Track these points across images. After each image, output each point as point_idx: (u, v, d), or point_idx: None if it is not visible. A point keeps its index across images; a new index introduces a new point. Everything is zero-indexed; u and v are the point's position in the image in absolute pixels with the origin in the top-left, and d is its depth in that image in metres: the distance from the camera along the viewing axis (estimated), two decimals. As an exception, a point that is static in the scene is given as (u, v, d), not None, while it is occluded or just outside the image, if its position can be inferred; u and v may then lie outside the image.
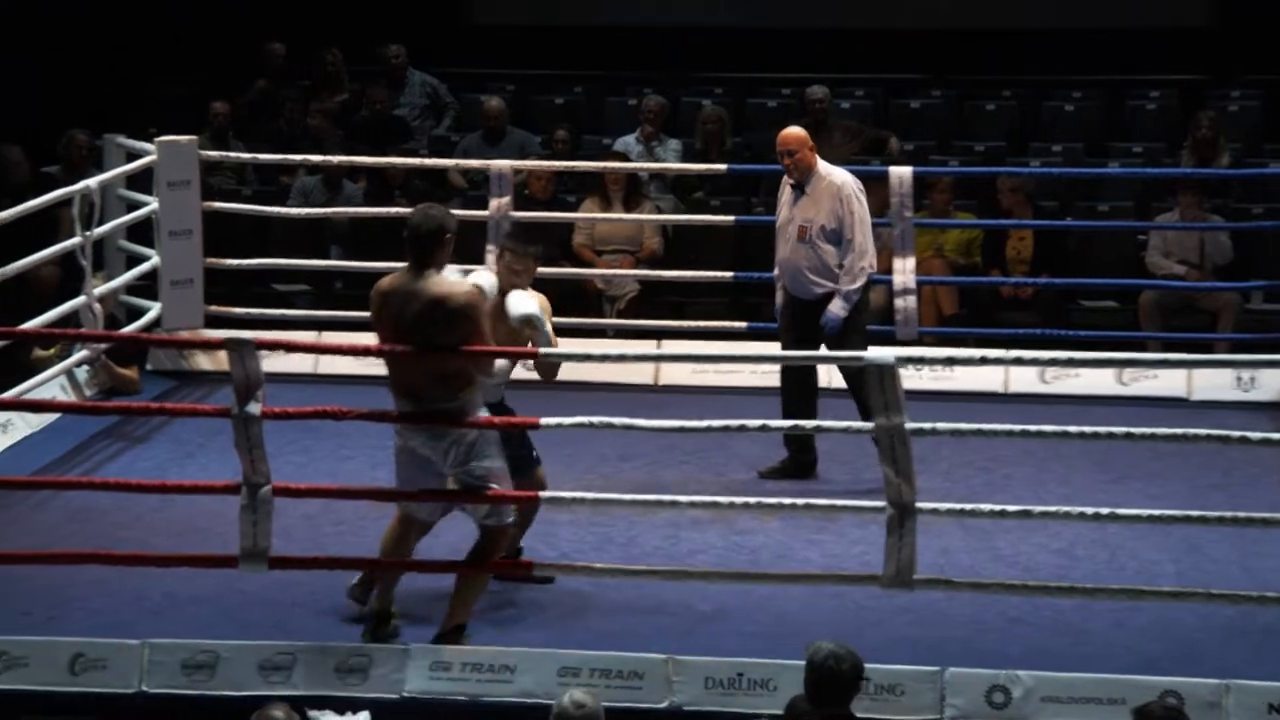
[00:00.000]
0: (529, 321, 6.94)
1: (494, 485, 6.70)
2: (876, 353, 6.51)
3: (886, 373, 6.39)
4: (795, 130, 8.64)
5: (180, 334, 10.23)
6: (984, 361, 6.99)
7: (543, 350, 6.87)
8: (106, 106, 11.89)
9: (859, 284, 8.47)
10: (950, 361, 7.09)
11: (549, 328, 6.99)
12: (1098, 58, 12.69)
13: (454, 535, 7.42)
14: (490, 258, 9.99)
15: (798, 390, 8.51)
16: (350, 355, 7.78)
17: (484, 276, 7.12)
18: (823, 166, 8.58)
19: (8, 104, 12.27)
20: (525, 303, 6.98)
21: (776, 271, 8.74)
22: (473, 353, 6.57)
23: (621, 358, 8.01)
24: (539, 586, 7.25)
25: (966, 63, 12.91)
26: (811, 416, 8.31)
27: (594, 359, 6.89)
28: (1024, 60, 12.81)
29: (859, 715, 6.33)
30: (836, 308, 8.44)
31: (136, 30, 12.96)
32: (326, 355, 10.01)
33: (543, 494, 6.86)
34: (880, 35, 13.05)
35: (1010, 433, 6.73)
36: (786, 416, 8.34)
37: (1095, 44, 12.82)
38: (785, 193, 8.65)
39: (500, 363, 6.93)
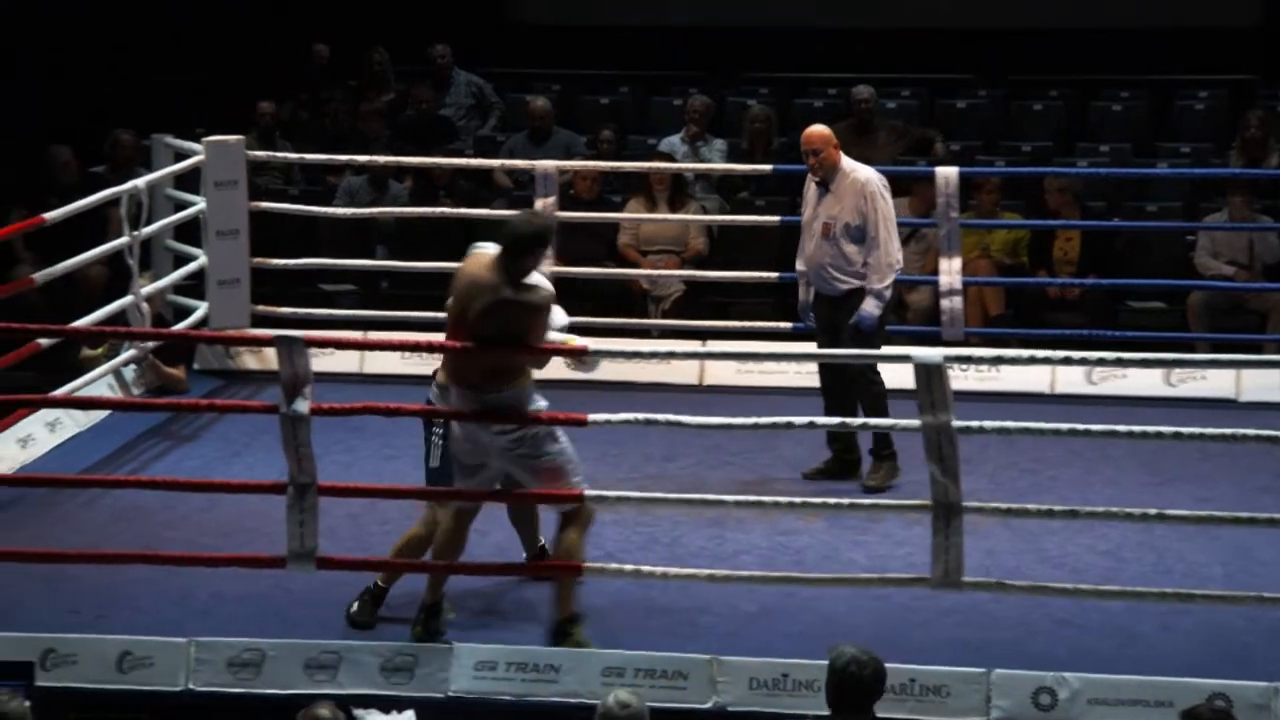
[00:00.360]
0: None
1: (567, 469, 6.70)
2: (924, 352, 6.49)
3: (934, 372, 6.37)
4: (820, 129, 8.64)
5: (228, 333, 10.28)
6: (1033, 361, 6.95)
7: (592, 348, 6.86)
8: (153, 106, 11.93)
9: (889, 282, 8.45)
10: (998, 361, 7.04)
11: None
12: (1146, 57, 12.63)
13: (500, 535, 7.44)
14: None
15: (838, 389, 8.48)
16: (401, 351, 7.78)
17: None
18: (847, 164, 8.56)
19: (56, 105, 12.35)
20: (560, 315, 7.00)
21: (800, 268, 8.72)
22: (530, 349, 6.59)
23: (670, 355, 7.97)
24: (583, 585, 7.24)
25: (1013, 62, 12.86)
26: (853, 414, 8.29)
27: (642, 356, 6.86)
28: (1071, 60, 12.76)
29: (904, 717, 6.33)
30: (870, 306, 8.43)
31: (184, 31, 13.01)
32: (373, 353, 10.06)
33: (588, 493, 6.86)
34: (926, 35, 13.02)
35: (1058, 431, 6.69)
36: (829, 415, 8.32)
37: (1143, 43, 12.76)
38: (810, 190, 8.65)
39: None
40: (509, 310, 6.56)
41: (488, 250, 6.76)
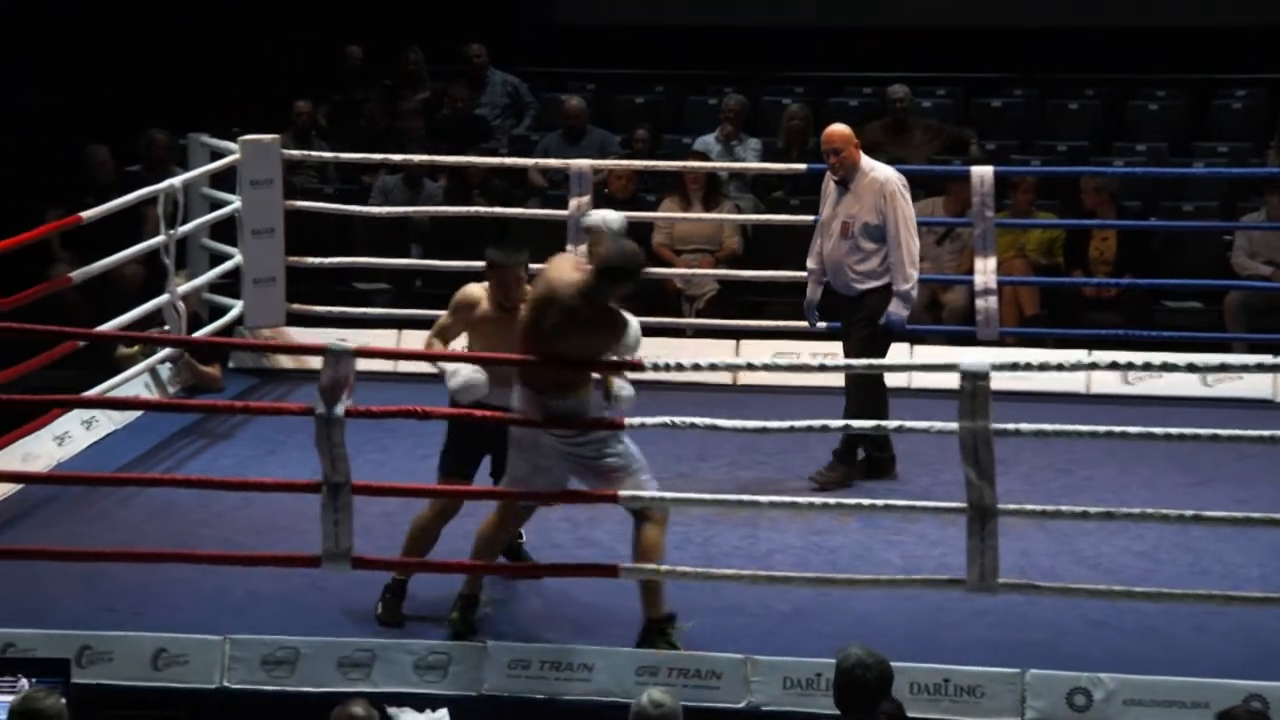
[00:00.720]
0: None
1: (632, 468, 6.70)
2: (971, 360, 6.40)
3: (980, 380, 6.29)
4: (840, 128, 8.63)
5: (264, 333, 10.31)
6: (1078, 366, 6.90)
7: (650, 363, 6.81)
8: (190, 105, 11.98)
9: (913, 283, 8.43)
10: (1045, 367, 6.84)
11: None
12: (1183, 56, 12.58)
13: (530, 536, 7.45)
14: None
15: (869, 388, 8.46)
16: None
17: None
18: (866, 163, 8.55)
19: (93, 104, 12.40)
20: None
21: (811, 266, 8.69)
22: (589, 364, 6.59)
23: (712, 367, 7.94)
24: (614, 584, 7.22)
25: (1049, 61, 12.82)
26: (884, 412, 8.28)
27: (682, 369, 6.82)
28: (1108, 59, 12.71)
29: (939, 717, 6.32)
30: (896, 307, 8.41)
31: (221, 30, 13.06)
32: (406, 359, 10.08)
33: (622, 493, 6.85)
34: (962, 33, 12.99)
35: (1094, 434, 6.66)
36: (858, 415, 8.29)
37: (1180, 42, 12.71)
38: (829, 189, 8.64)
39: None
40: (588, 328, 6.54)
41: (568, 259, 6.77)
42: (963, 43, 12.95)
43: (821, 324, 10.02)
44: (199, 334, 9.85)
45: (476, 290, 7.20)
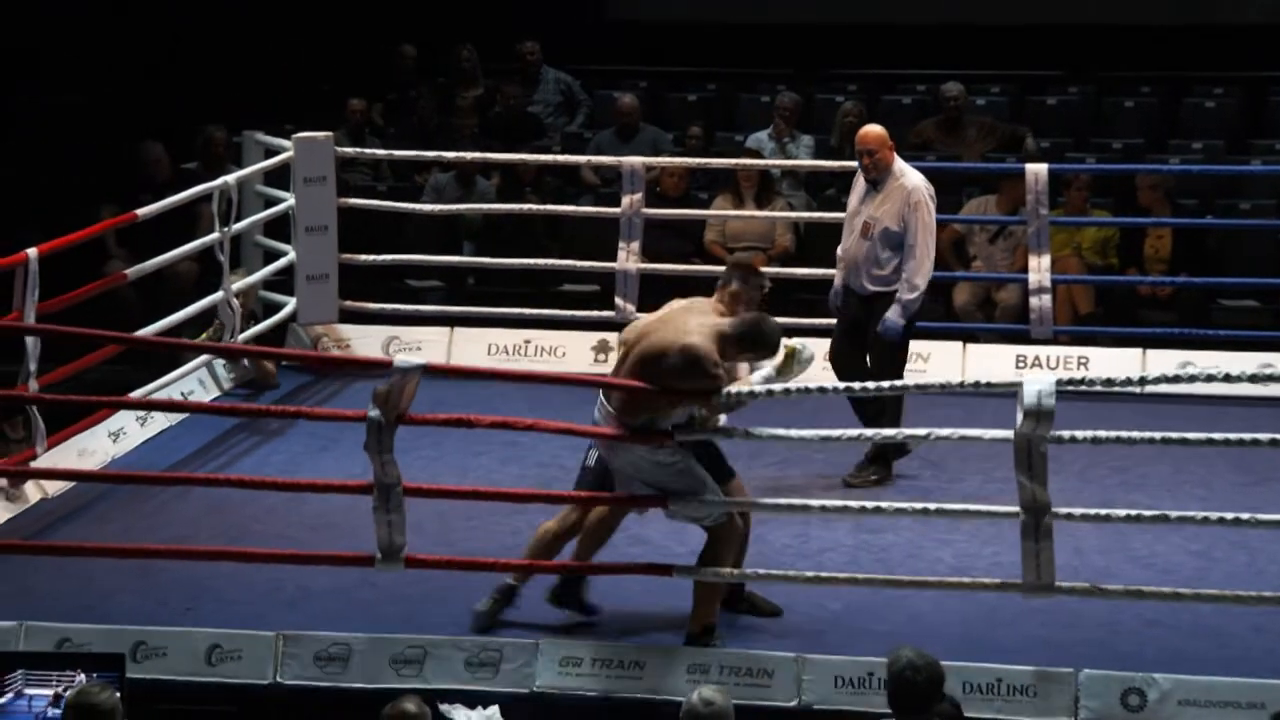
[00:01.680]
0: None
1: (705, 490, 6.69)
2: (1038, 381, 6.32)
3: (1044, 398, 6.23)
4: (876, 129, 8.62)
5: (316, 329, 10.35)
6: (1144, 381, 6.82)
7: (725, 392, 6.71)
8: (245, 103, 12.04)
9: (917, 295, 8.39)
10: (1110, 384, 6.71)
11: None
12: (1239, 53, 12.50)
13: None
14: (621, 255, 10.01)
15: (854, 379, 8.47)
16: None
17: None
18: (899, 167, 8.53)
19: (148, 102, 12.46)
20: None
21: (840, 253, 8.69)
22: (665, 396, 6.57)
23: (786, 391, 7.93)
24: (666, 583, 7.22)
25: (1104, 58, 12.76)
26: (900, 409, 8.28)
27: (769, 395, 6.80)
28: (1163, 56, 12.64)
29: (992, 717, 6.29)
30: (895, 315, 8.38)
31: (276, 28, 13.11)
32: (460, 350, 10.11)
33: (673, 503, 6.82)
34: (1017, 31, 12.94)
35: (1151, 440, 6.57)
36: (878, 414, 8.28)
37: (1236, 39, 12.62)
38: (859, 185, 8.65)
39: None
40: (675, 359, 6.53)
41: (705, 303, 6.83)
42: (1017, 40, 12.89)
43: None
44: (253, 330, 9.88)
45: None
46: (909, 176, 8.49)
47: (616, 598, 7.11)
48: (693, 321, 6.63)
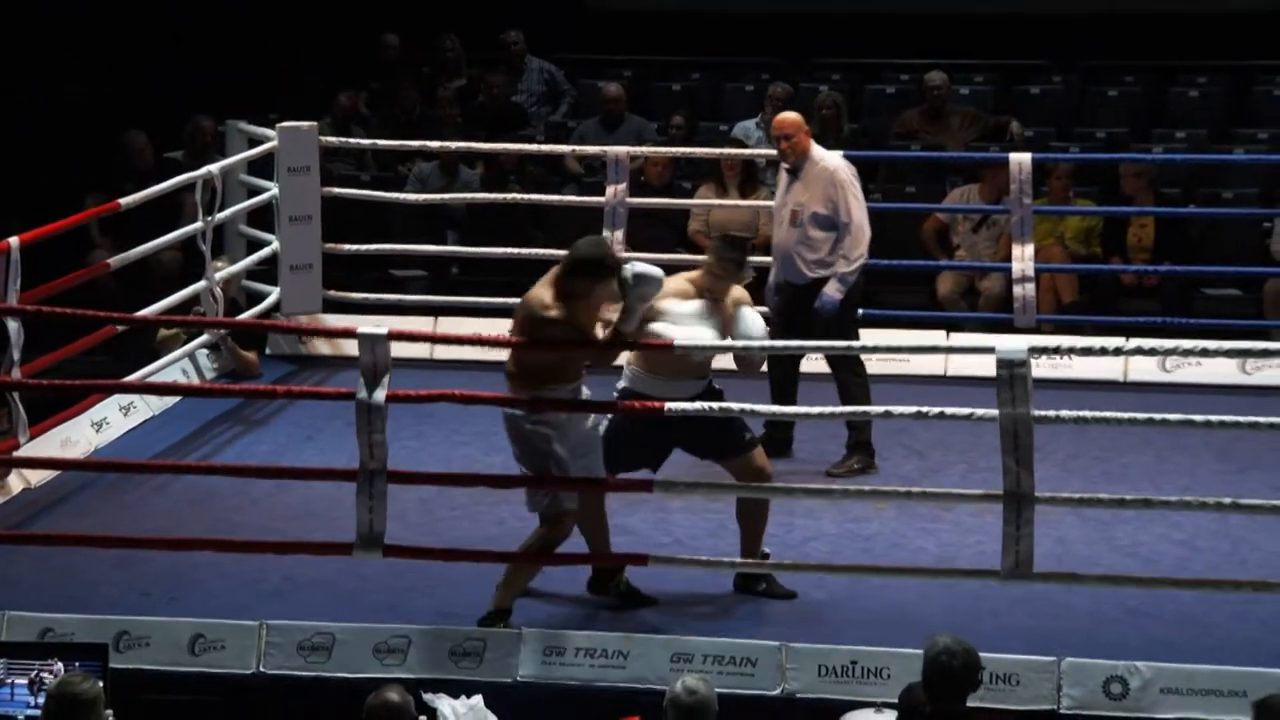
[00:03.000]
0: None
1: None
2: (1009, 345, 6.37)
3: (1018, 366, 6.26)
4: (791, 115, 8.65)
5: (300, 320, 10.34)
6: (1118, 352, 6.84)
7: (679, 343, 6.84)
8: (229, 92, 12.02)
9: (854, 267, 8.43)
10: (1085, 352, 6.83)
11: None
12: (1223, 42, 12.51)
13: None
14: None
15: (781, 377, 8.48)
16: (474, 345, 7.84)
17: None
18: (817, 152, 8.56)
19: (132, 91, 12.44)
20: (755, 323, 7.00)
21: (774, 253, 8.75)
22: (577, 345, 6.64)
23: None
24: (648, 571, 7.22)
25: (1088, 48, 12.77)
26: (791, 402, 8.34)
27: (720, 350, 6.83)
28: (1147, 45, 12.65)
29: (975, 705, 6.29)
30: (832, 290, 8.41)
31: (260, 17, 13.09)
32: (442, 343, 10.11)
33: (656, 480, 6.84)
34: (1000, 20, 12.94)
35: (1134, 421, 6.62)
36: (849, 402, 8.35)
37: (1221, 28, 12.63)
38: (782, 176, 8.66)
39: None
40: (520, 319, 6.67)
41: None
42: (1001, 29, 12.89)
43: (856, 310, 10.04)
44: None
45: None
46: (828, 159, 8.55)
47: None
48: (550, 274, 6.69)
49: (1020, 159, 9.92)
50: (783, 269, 8.62)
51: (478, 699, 6.27)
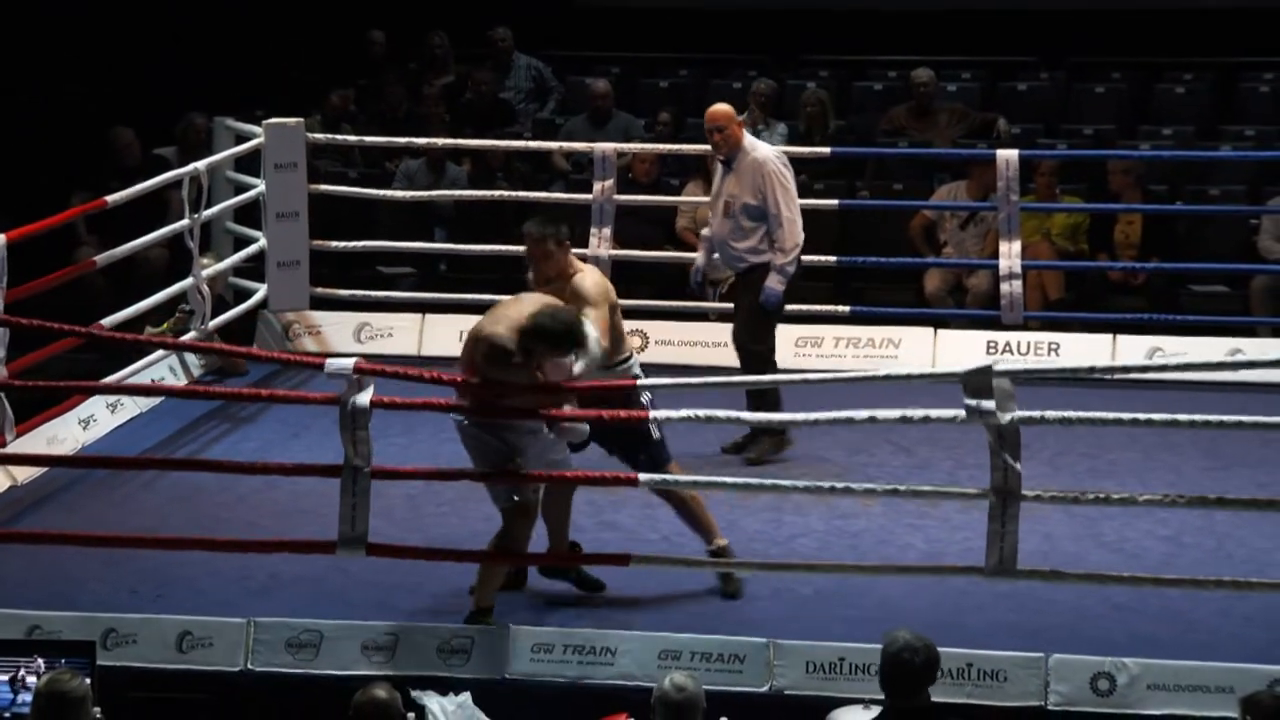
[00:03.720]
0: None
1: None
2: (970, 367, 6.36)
3: (981, 384, 6.25)
4: (723, 106, 8.71)
5: (288, 316, 10.34)
6: (1092, 371, 6.83)
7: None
8: (214, 89, 12.00)
9: (791, 258, 8.51)
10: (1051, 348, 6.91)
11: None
12: (1210, 39, 12.52)
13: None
14: (593, 241, 10.04)
15: (759, 363, 8.58)
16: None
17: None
18: (749, 143, 8.63)
19: (122, 88, 12.41)
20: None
21: (704, 233, 8.84)
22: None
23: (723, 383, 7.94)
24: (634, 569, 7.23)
25: (1075, 44, 12.77)
26: (768, 400, 8.36)
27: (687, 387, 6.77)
28: (1133, 41, 12.66)
29: (962, 701, 6.31)
30: (774, 283, 8.50)
31: (248, 13, 13.07)
32: (431, 335, 10.11)
33: (642, 476, 6.85)
34: (987, 16, 12.95)
35: (1120, 421, 6.62)
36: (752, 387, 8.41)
37: (1207, 25, 12.64)
38: (718, 168, 8.74)
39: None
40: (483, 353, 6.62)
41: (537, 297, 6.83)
42: (988, 26, 12.90)
43: (844, 308, 10.07)
44: (224, 317, 9.86)
45: None
46: (760, 150, 8.61)
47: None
48: (512, 311, 6.66)
49: (1007, 156, 9.92)
50: (721, 259, 8.75)
51: (466, 696, 6.27)
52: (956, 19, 12.93)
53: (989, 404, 6.19)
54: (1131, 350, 9.86)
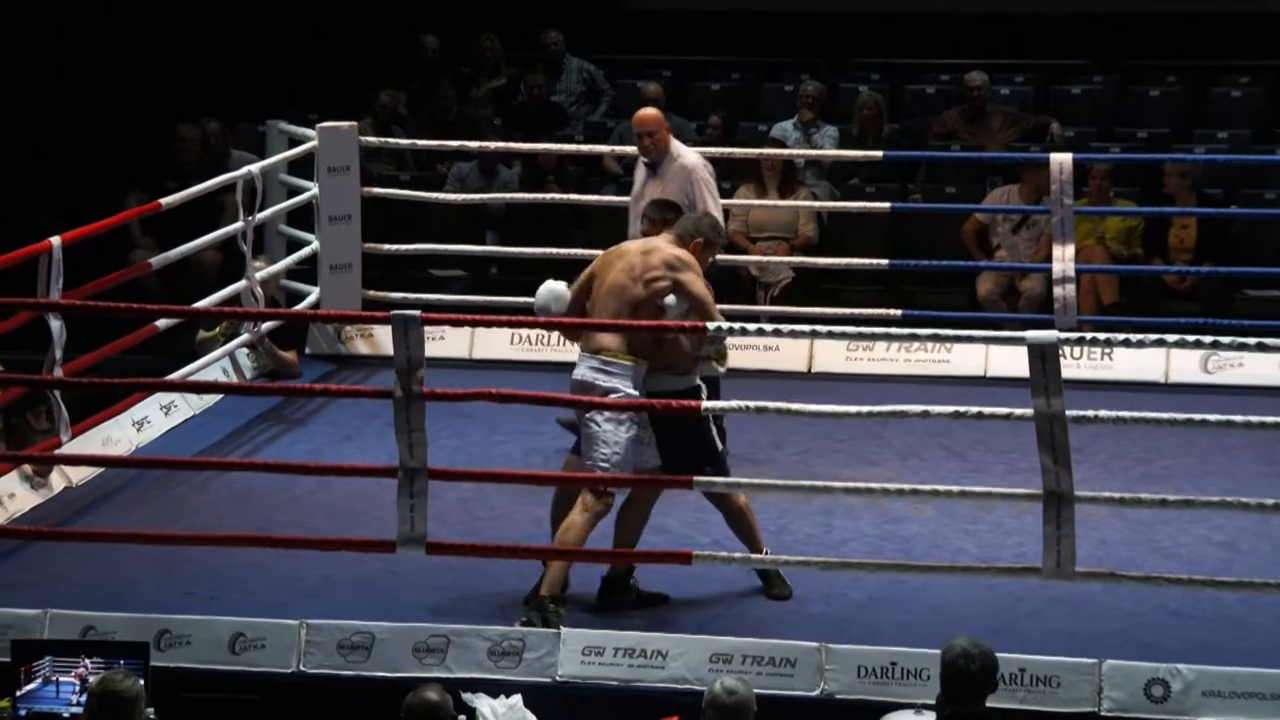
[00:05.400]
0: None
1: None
2: (1038, 332, 6.40)
3: (1049, 353, 6.28)
4: (652, 111, 8.78)
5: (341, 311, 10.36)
6: (1144, 344, 6.80)
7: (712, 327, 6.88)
8: (270, 91, 12.05)
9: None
10: (1109, 344, 6.94)
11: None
12: (1265, 41, 12.44)
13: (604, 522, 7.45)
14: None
15: None
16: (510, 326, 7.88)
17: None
18: (675, 148, 8.65)
19: (175, 88, 12.46)
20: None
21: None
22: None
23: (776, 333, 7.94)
24: (688, 571, 7.22)
25: (1129, 48, 12.71)
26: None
27: (749, 334, 6.82)
28: (1189, 44, 12.59)
29: (1015, 707, 6.27)
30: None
31: (300, 17, 13.12)
32: (482, 339, 10.12)
33: (697, 479, 6.84)
34: (1040, 20, 12.90)
35: (1174, 421, 6.59)
36: None
37: (1263, 28, 12.56)
38: (639, 171, 8.75)
39: None
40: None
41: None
42: (1042, 29, 12.85)
43: (896, 311, 10.03)
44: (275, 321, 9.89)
45: None
46: (686, 156, 8.64)
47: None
48: (636, 255, 6.94)
49: (1061, 159, 9.87)
50: None
51: (517, 699, 6.28)
52: (1009, 22, 12.88)
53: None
54: (1186, 357, 9.78)
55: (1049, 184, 9.91)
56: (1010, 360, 9.61)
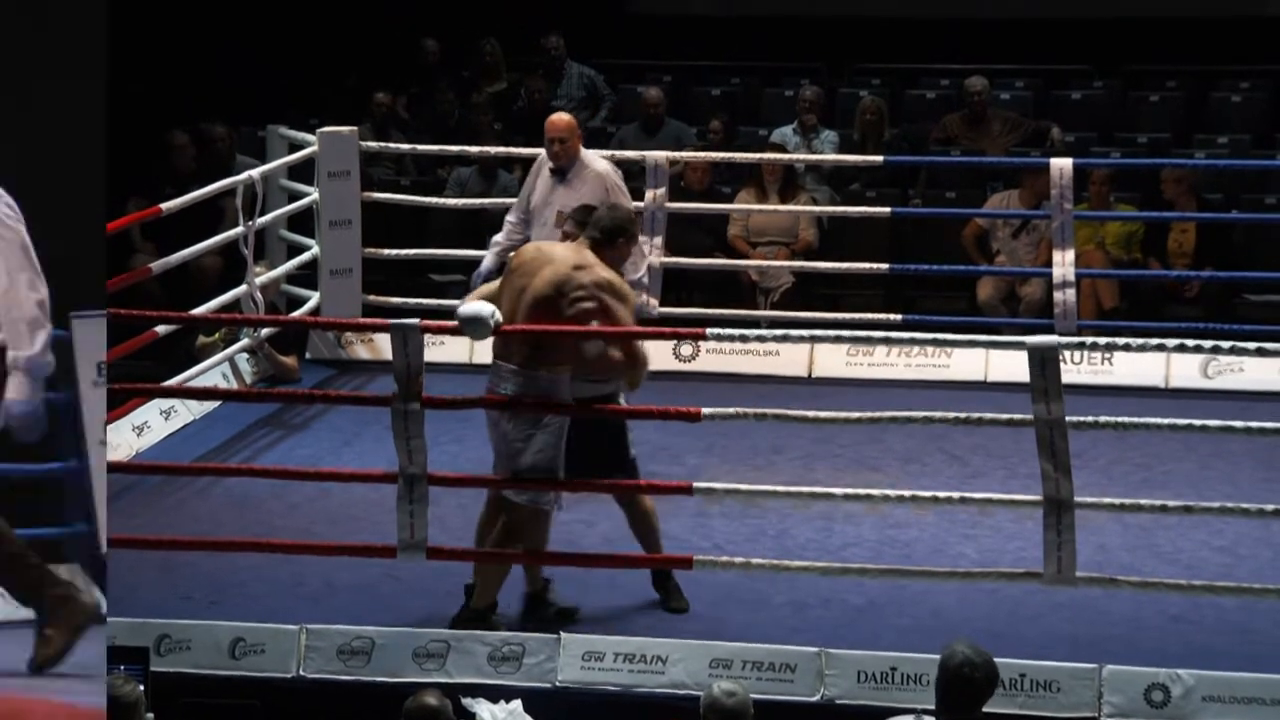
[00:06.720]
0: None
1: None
2: (1039, 337, 6.40)
3: (1049, 358, 6.28)
4: (564, 117, 8.82)
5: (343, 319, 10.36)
6: (1145, 349, 6.81)
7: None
8: (270, 95, 12.05)
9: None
10: (1112, 348, 6.92)
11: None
12: (1265, 47, 12.45)
13: (607, 524, 7.45)
14: (645, 249, 10.05)
15: None
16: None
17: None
18: (586, 155, 8.70)
19: (175, 91, 12.46)
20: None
21: (498, 240, 8.91)
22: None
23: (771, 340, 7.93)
24: (690, 575, 7.23)
25: (1129, 53, 12.72)
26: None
27: (746, 340, 6.81)
28: (1189, 50, 12.59)
29: (1015, 713, 6.27)
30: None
31: (300, 22, 13.12)
32: (481, 348, 10.08)
33: (697, 485, 6.84)
34: (1040, 25, 12.90)
35: (1174, 426, 6.59)
36: None
37: (1262, 33, 12.57)
38: (542, 176, 8.75)
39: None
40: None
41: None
42: (1042, 34, 12.85)
43: (896, 316, 10.04)
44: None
45: None
46: (597, 163, 8.71)
47: (636, 592, 7.11)
48: (550, 262, 6.70)
49: (1061, 164, 9.88)
50: None
51: (516, 704, 6.27)
52: (1010, 27, 12.89)
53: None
54: (1186, 361, 9.78)
55: (1049, 189, 9.91)
56: (1010, 365, 9.60)
